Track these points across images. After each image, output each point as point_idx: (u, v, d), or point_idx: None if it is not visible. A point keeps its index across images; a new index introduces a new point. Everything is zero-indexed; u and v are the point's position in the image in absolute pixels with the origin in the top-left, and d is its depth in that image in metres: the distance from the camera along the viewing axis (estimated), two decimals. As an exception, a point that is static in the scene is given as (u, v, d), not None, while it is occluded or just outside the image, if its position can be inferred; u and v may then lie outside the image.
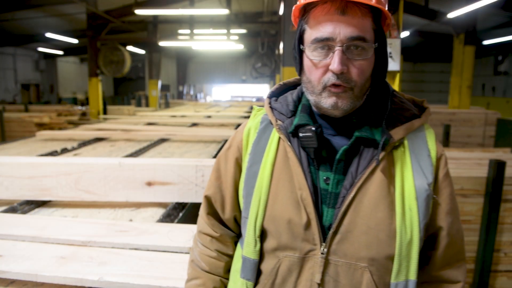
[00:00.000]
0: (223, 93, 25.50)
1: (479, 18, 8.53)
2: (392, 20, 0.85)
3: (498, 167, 2.67)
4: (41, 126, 7.08)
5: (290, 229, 0.80)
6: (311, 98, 0.82)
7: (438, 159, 0.83)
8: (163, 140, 4.08)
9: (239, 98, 21.42)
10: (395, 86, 2.94)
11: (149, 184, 2.00)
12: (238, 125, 6.43)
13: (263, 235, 0.84)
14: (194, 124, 5.69)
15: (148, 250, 1.48)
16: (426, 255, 0.85)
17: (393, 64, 2.72)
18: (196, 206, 2.07)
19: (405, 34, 10.87)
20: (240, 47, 11.57)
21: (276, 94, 0.94)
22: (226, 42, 10.38)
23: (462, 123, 6.61)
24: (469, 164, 3.12)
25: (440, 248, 0.83)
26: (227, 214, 0.94)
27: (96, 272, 1.29)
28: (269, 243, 0.83)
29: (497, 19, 11.12)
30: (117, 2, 9.38)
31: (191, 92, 22.95)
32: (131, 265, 1.35)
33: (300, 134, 0.81)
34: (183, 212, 1.99)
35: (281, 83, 0.97)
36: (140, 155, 3.30)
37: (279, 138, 0.85)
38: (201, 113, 7.74)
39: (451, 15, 7.65)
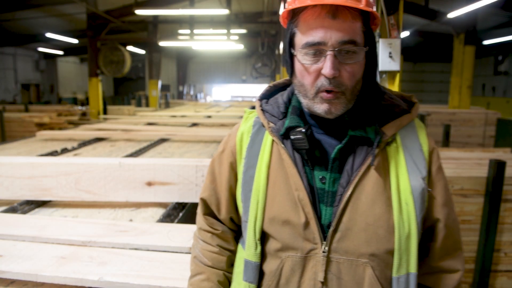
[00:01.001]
0: (223, 93, 25.49)
1: (479, 18, 8.53)
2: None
3: (498, 167, 2.67)
4: (41, 126, 7.08)
5: (290, 230, 0.81)
6: (304, 101, 0.83)
7: (431, 153, 0.85)
8: (163, 140, 4.08)
9: (239, 98, 21.42)
10: (395, 86, 2.94)
11: (149, 184, 2.00)
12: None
13: (264, 237, 0.85)
14: (194, 124, 5.69)
15: (148, 250, 1.48)
16: (425, 247, 0.86)
17: (393, 64, 2.72)
18: (196, 206, 2.07)
19: (405, 34, 10.87)
20: (240, 47, 11.57)
21: (266, 96, 0.95)
22: (226, 42, 10.37)
23: (462, 123, 6.61)
24: (469, 164, 3.12)
25: (439, 240, 0.85)
26: (223, 215, 0.96)
27: (96, 272, 1.29)
28: (271, 245, 0.84)
29: (497, 19, 11.12)
30: (117, 2, 9.38)
31: (191, 92, 22.96)
32: (131, 265, 1.35)
33: (291, 137, 0.82)
34: (183, 212, 1.99)
35: (270, 84, 0.98)
36: (140, 155, 3.30)
37: (273, 140, 0.86)
38: (201, 113, 7.74)
39: (451, 15, 7.64)
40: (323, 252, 0.79)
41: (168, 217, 1.90)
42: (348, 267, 0.79)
